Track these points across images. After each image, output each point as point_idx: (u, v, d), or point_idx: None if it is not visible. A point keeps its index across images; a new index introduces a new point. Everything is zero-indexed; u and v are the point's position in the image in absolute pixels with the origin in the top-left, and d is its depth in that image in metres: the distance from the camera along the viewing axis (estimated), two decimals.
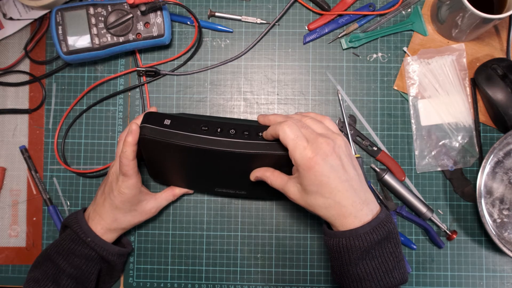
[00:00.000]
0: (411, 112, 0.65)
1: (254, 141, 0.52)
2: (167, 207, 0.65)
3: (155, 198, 0.61)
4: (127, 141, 0.53)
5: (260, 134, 0.52)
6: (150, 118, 0.54)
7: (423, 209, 0.63)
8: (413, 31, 0.66)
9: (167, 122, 0.53)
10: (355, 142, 0.65)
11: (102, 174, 0.66)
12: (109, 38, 0.62)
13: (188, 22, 0.67)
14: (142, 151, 0.57)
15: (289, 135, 0.47)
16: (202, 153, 0.53)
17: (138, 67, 0.66)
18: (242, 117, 0.66)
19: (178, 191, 0.63)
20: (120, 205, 0.57)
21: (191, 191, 0.65)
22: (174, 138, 0.52)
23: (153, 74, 0.66)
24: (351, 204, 0.47)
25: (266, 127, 0.52)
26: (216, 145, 0.52)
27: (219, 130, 0.53)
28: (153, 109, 0.61)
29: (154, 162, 0.59)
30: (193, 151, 0.53)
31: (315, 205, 0.48)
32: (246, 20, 0.67)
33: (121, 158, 0.54)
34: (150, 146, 0.55)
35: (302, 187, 0.48)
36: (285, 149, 0.48)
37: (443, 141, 0.65)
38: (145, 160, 0.60)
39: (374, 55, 0.66)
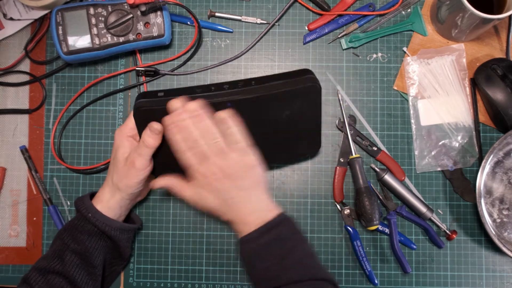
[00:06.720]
0: (411, 112, 0.65)
1: (251, 87, 0.55)
2: (167, 207, 0.65)
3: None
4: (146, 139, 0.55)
5: (253, 82, 0.55)
6: (143, 94, 0.56)
7: (423, 209, 0.63)
8: (413, 31, 0.66)
9: (160, 94, 0.55)
10: (355, 142, 0.65)
11: (101, 169, 0.66)
12: (109, 38, 0.62)
13: (188, 22, 0.67)
14: (138, 129, 0.56)
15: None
16: None
17: (137, 67, 0.66)
18: None
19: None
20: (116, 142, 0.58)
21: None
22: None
23: (152, 74, 0.66)
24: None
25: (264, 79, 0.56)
26: (214, 96, 0.54)
27: (213, 88, 0.55)
28: None
29: None
30: None
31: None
32: (246, 20, 0.67)
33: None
34: (145, 119, 0.54)
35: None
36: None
37: (443, 141, 0.65)
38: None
39: (374, 55, 0.66)
